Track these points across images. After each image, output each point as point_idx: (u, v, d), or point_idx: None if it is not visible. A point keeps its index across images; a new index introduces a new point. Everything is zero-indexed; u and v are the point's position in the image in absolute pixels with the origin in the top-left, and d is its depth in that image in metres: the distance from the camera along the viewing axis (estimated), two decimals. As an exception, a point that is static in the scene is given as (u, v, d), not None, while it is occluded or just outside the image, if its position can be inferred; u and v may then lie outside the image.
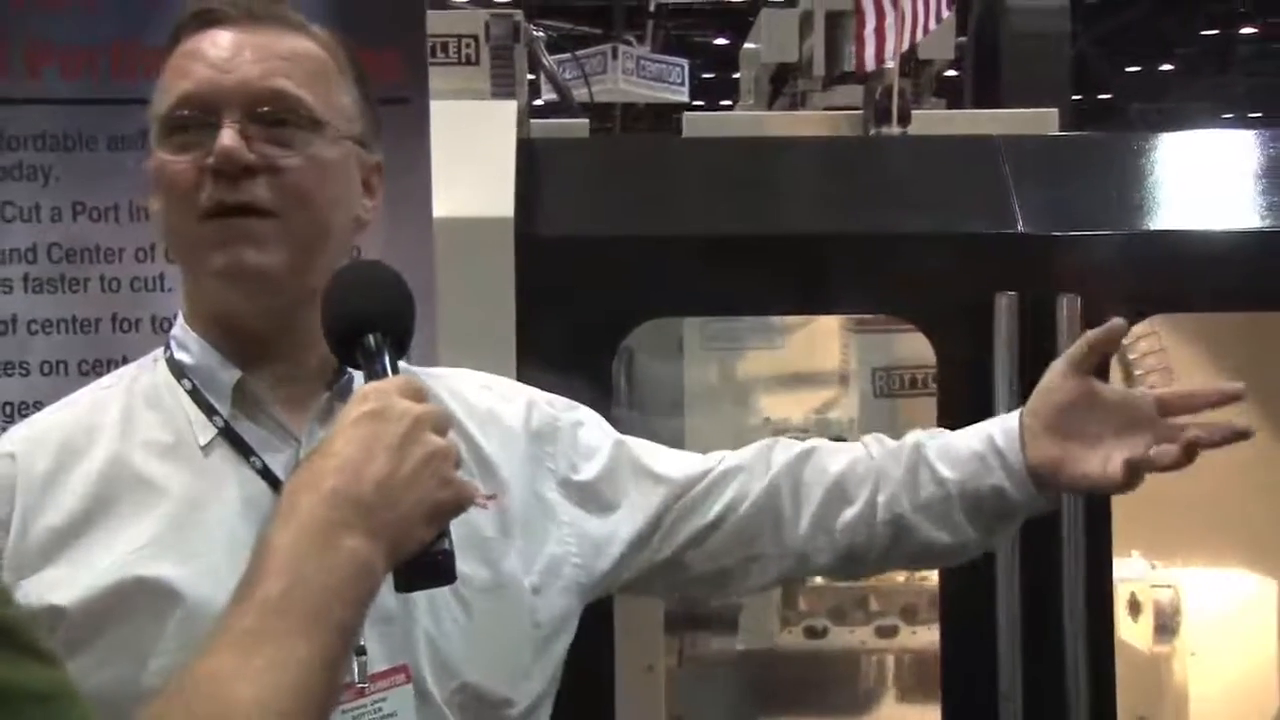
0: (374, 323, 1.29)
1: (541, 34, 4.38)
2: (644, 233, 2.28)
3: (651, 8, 14.73)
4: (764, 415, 3.14)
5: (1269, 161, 2.57)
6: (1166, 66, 21.45)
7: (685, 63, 11.81)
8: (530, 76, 4.24)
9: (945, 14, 3.07)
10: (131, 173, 1.56)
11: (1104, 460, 1.49)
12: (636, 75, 12.28)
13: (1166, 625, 2.90)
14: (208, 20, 1.43)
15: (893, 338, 2.89)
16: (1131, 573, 2.95)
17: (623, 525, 1.56)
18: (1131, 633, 2.94)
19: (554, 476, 1.53)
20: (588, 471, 1.56)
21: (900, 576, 2.99)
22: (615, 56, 12.34)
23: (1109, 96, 22.20)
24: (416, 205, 2.06)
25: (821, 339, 3.10)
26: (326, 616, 1.11)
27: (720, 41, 17.41)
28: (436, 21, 2.75)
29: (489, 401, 1.55)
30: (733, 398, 3.15)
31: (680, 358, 3.07)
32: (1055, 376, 1.54)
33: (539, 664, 1.48)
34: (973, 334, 2.18)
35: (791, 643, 2.93)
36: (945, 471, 1.56)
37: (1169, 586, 2.92)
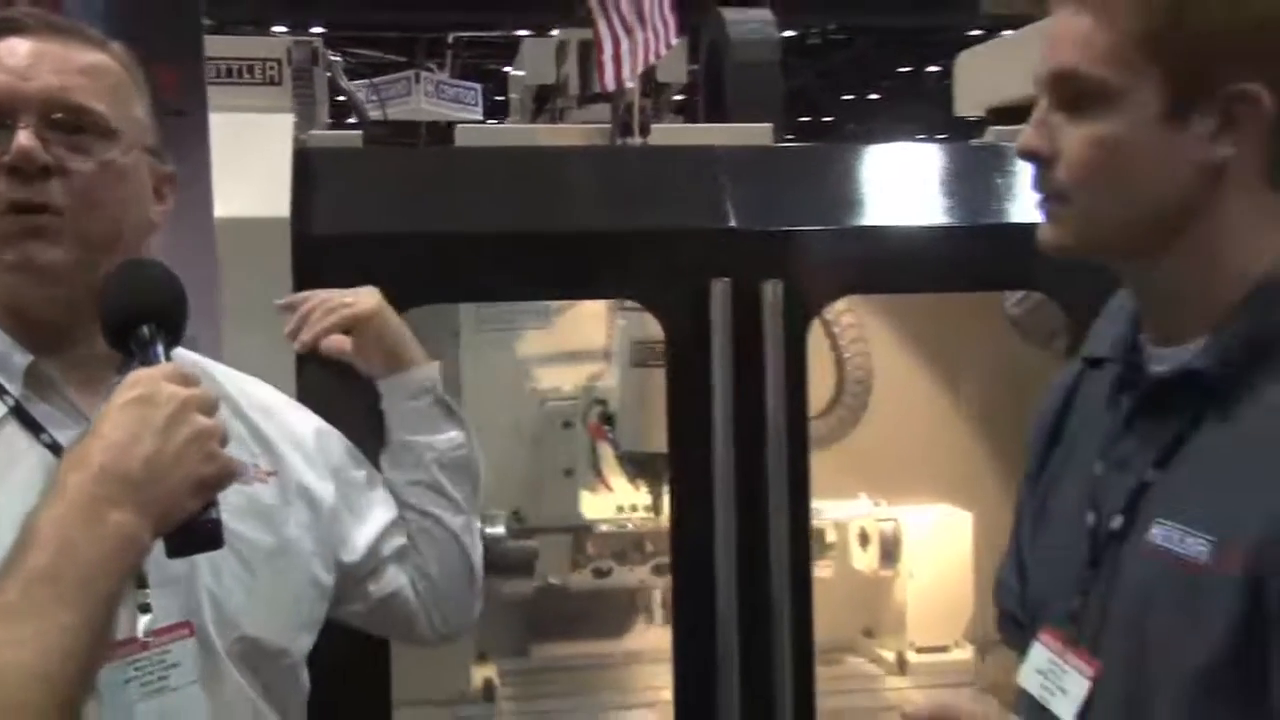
0: (146, 316, 1.23)
1: (340, 59, 4.24)
2: (407, 230, 2.18)
3: (450, 40, 14.55)
4: (533, 387, 3.07)
5: (943, 170, 2.61)
6: (874, 95, 22.14)
7: (479, 87, 11.65)
8: (342, 97, 4.11)
9: (673, 42, 3.05)
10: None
11: None
12: (436, 97, 12.10)
13: (889, 553, 2.97)
14: (6, 28, 1.31)
15: (646, 315, 2.86)
16: (860, 511, 3.01)
17: (370, 526, 1.59)
18: (861, 560, 3.00)
19: (329, 473, 1.53)
20: (354, 479, 1.59)
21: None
22: (417, 81, 12.22)
23: (830, 119, 22.82)
24: (198, 208, 1.94)
25: (589, 318, 3.05)
26: (92, 586, 1.05)
27: (509, 69, 17.23)
28: (243, 45, 2.72)
29: (271, 398, 1.54)
30: (507, 373, 3.07)
31: (457, 340, 2.99)
32: None
33: (314, 621, 1.47)
34: (694, 314, 2.16)
35: (581, 581, 2.92)
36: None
37: (891, 520, 2.98)
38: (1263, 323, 1.16)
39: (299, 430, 1.53)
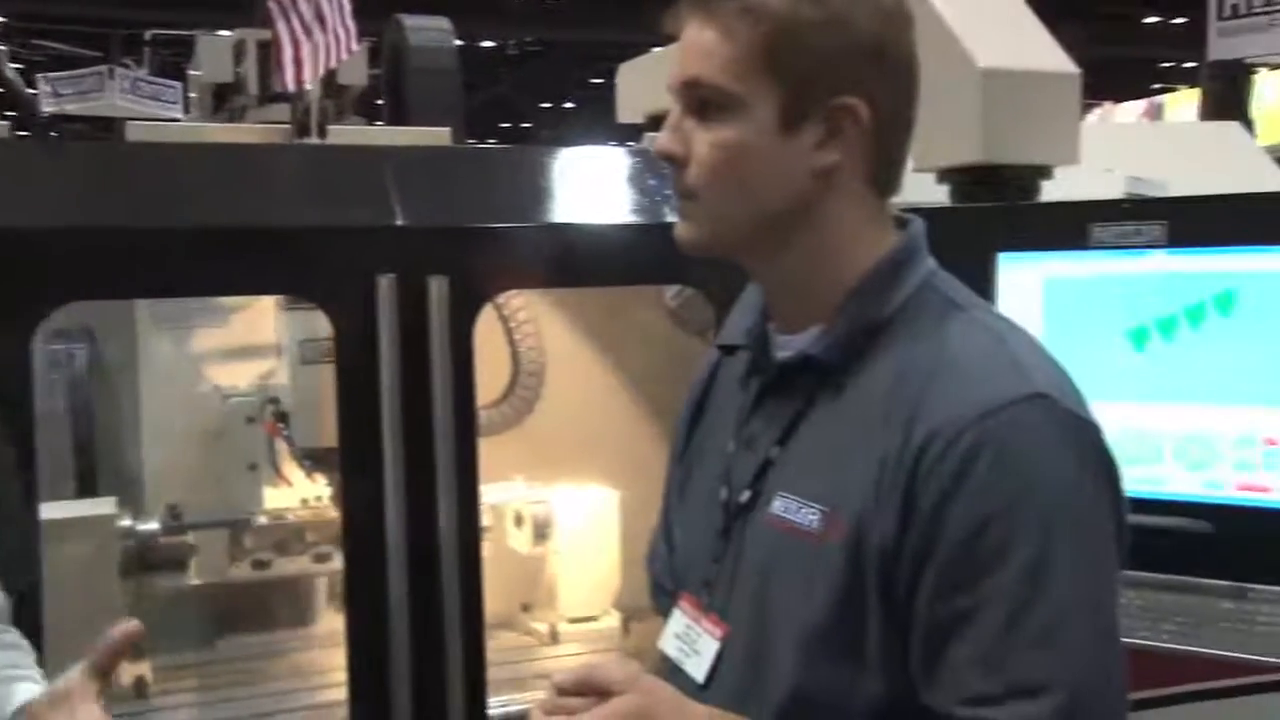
0: None
1: (6, 48, 3.84)
2: (58, 224, 1.97)
3: (148, 37, 13.61)
4: (213, 384, 2.87)
5: (605, 173, 2.60)
6: (569, 104, 22.37)
7: (179, 85, 10.93)
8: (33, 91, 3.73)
9: (354, 48, 2.91)
10: None
11: None
12: (134, 94, 11.31)
13: (542, 532, 2.92)
14: None
15: (314, 313, 2.72)
16: (515, 495, 2.95)
17: None
18: (516, 540, 2.95)
19: None
20: None
21: (331, 511, 2.83)
22: (112, 77, 11.42)
23: (529, 125, 22.89)
24: None
25: (261, 317, 2.88)
26: None
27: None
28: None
29: None
30: (185, 370, 2.85)
31: (134, 338, 2.75)
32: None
33: None
34: (360, 310, 2.06)
35: (241, 575, 2.73)
36: None
37: (544, 502, 2.94)
38: (862, 314, 1.19)
39: None
